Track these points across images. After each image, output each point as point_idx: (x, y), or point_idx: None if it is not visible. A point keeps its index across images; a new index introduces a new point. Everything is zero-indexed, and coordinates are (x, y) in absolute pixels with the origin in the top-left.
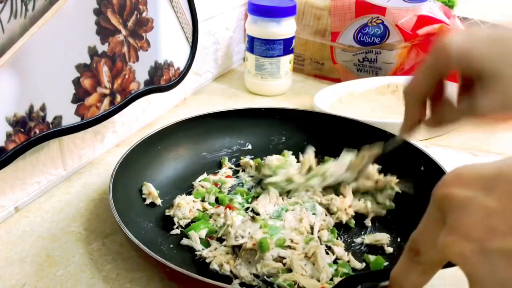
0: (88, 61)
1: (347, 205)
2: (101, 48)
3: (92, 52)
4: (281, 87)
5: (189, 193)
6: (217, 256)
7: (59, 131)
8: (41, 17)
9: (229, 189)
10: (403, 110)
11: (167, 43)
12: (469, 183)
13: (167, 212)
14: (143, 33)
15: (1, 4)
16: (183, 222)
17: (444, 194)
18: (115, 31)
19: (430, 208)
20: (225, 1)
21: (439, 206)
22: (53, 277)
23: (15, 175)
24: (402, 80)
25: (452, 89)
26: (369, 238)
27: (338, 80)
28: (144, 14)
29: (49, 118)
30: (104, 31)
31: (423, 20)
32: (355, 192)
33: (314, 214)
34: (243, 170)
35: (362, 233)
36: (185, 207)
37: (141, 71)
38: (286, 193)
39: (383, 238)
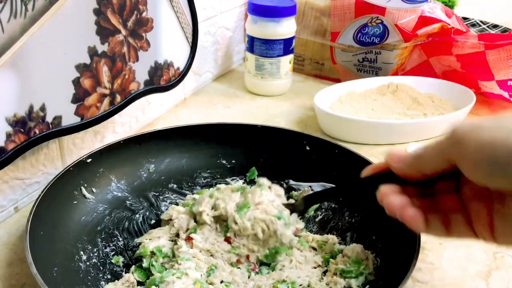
0: (88, 61)
1: None
2: (101, 48)
3: (92, 52)
4: (281, 87)
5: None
6: None
7: (59, 131)
8: (41, 17)
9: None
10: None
11: (167, 43)
12: None
13: None
14: (143, 33)
15: (1, 4)
16: None
17: None
18: (115, 31)
19: None
20: (225, 1)
21: None
22: None
23: (15, 175)
24: (403, 80)
25: None
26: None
27: (338, 80)
28: (144, 14)
29: (49, 118)
30: (104, 31)
31: (423, 20)
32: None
33: None
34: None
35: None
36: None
37: (141, 71)
38: None
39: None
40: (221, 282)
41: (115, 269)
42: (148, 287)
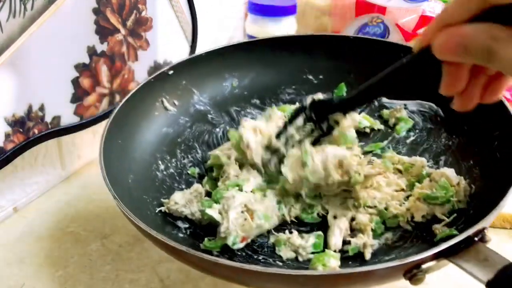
0: (87, 60)
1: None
2: (100, 47)
3: (91, 52)
4: None
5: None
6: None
7: (58, 131)
8: (40, 16)
9: None
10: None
11: (166, 43)
12: None
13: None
14: (142, 33)
15: (0, 3)
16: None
17: None
18: (114, 30)
19: None
20: (225, 0)
21: None
22: (52, 278)
23: (14, 175)
24: None
25: None
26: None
27: None
28: (143, 14)
29: (48, 118)
30: (103, 31)
31: (424, 20)
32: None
33: None
34: None
35: None
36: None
37: (140, 71)
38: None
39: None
40: None
41: (190, 179)
42: (213, 199)
